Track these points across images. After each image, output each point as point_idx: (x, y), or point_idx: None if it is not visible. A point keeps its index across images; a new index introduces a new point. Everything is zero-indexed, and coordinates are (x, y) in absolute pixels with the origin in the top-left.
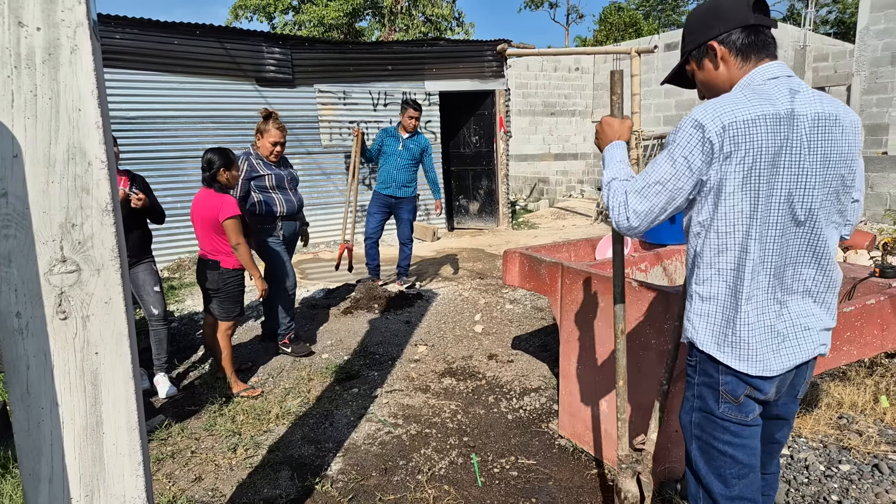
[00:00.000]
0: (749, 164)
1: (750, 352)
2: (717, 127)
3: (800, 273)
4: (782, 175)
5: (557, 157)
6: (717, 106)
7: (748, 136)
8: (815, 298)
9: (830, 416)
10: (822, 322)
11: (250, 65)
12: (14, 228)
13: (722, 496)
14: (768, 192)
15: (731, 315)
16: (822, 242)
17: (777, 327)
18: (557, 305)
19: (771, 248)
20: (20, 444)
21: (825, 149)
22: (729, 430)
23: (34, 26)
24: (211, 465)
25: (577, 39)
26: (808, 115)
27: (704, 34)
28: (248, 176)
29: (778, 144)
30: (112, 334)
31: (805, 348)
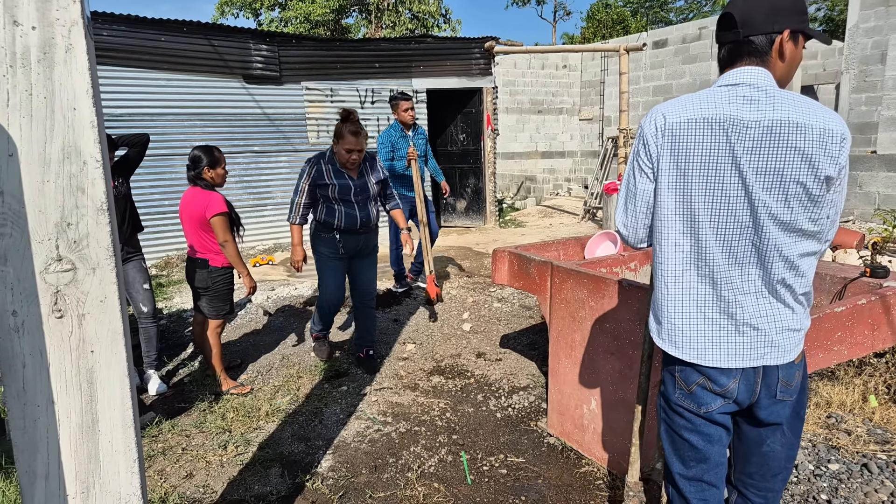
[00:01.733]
0: (675, 164)
1: (683, 339)
2: (652, 129)
3: (748, 273)
4: (712, 177)
5: (545, 155)
6: (656, 110)
7: (675, 138)
8: (768, 301)
9: (819, 415)
10: (779, 323)
11: (238, 62)
12: (10, 227)
13: (680, 475)
14: (696, 191)
15: (664, 304)
16: (771, 247)
17: (720, 321)
18: (547, 304)
19: (710, 247)
20: (16, 442)
21: (775, 155)
22: (683, 417)
23: (29, 25)
24: (202, 462)
25: (565, 37)
26: (760, 122)
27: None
28: (312, 182)
29: (708, 147)
30: (107, 333)
31: (755, 350)
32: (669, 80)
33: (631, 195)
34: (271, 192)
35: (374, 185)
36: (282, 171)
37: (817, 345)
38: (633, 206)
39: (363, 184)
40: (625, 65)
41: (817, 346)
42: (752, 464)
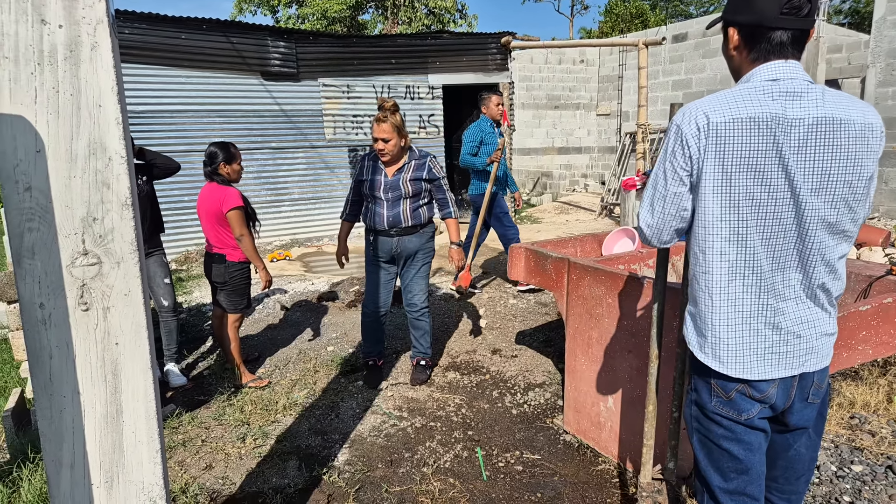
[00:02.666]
0: (721, 167)
1: (729, 354)
2: (693, 129)
3: (789, 279)
4: (760, 180)
5: (561, 151)
6: (695, 107)
7: (721, 139)
8: (807, 306)
9: (842, 415)
10: (818, 329)
11: (256, 59)
12: (37, 222)
13: (720, 489)
14: (743, 196)
15: (709, 317)
16: (815, 251)
17: (765, 332)
18: (563, 301)
19: (758, 253)
20: (43, 431)
21: (822, 154)
22: (721, 426)
23: (56, 24)
24: (221, 453)
25: (582, 31)
26: (804, 120)
27: (731, 15)
28: (357, 178)
29: (756, 149)
30: (131, 325)
31: (797, 358)
32: (689, 74)
33: (660, 196)
34: (288, 188)
35: (409, 182)
36: (299, 168)
37: (841, 343)
38: (662, 207)
39: (395, 181)
40: (643, 59)
41: (841, 346)
42: (778, 468)
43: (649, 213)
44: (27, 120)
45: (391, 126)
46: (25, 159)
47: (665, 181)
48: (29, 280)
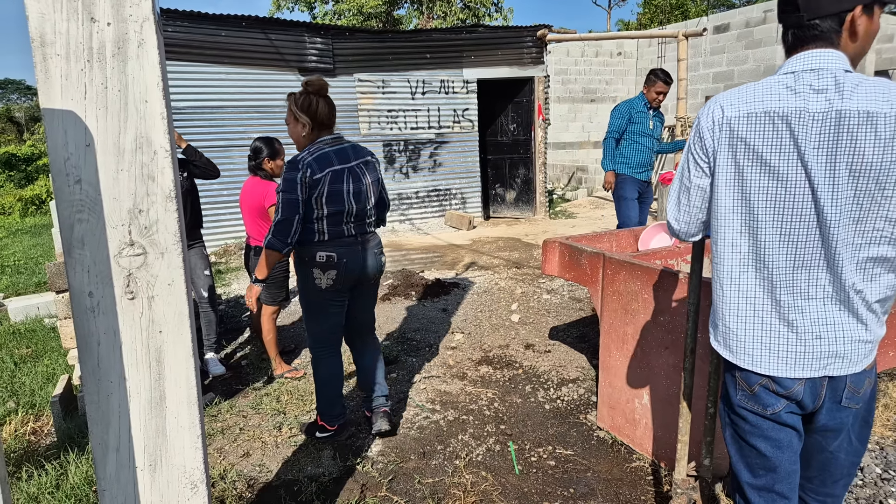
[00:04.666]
0: (732, 160)
1: (738, 345)
2: (709, 122)
3: (816, 278)
4: (775, 175)
5: (597, 146)
6: (714, 101)
7: (733, 133)
8: (836, 308)
9: (888, 417)
10: (846, 333)
11: (293, 55)
12: (87, 213)
13: (748, 484)
14: (755, 190)
15: (720, 306)
16: (840, 250)
17: (778, 328)
18: (598, 296)
19: (770, 248)
20: (91, 415)
21: (845, 149)
22: (747, 420)
23: (105, 21)
24: (258, 441)
25: (620, 23)
26: (827, 113)
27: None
28: None
29: (770, 144)
30: (174, 314)
31: (818, 360)
32: (731, 66)
33: (685, 189)
34: None
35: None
36: None
37: (888, 342)
38: (687, 200)
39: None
40: (683, 51)
41: (888, 344)
42: (812, 468)
43: (675, 206)
44: (77, 115)
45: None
46: (76, 153)
47: (688, 173)
48: (79, 269)
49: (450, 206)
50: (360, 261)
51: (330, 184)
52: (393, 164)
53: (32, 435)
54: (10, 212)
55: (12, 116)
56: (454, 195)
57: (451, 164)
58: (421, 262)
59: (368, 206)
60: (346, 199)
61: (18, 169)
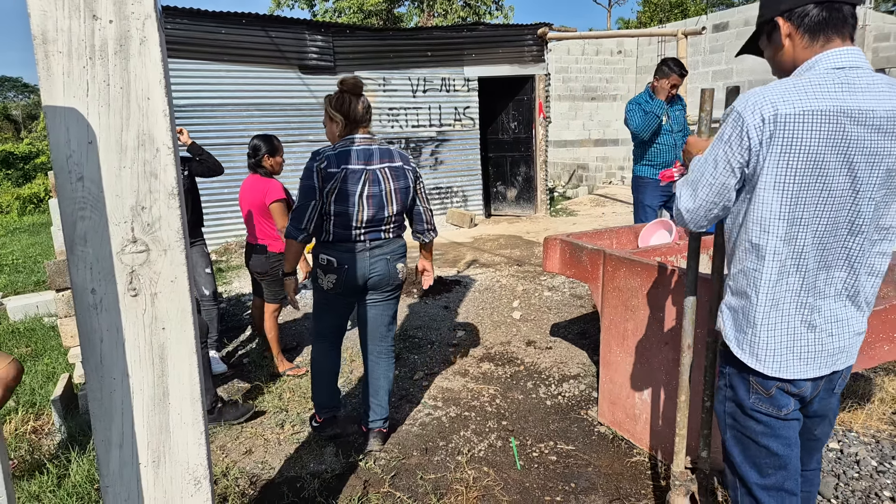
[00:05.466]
0: (785, 162)
1: (767, 353)
2: (757, 120)
3: (833, 277)
4: (824, 177)
5: (597, 143)
6: (760, 96)
7: (787, 132)
8: (844, 305)
9: (884, 411)
10: (851, 328)
11: (294, 52)
12: (89, 210)
13: (758, 485)
14: (804, 193)
15: (752, 313)
16: (864, 249)
17: (801, 331)
18: (599, 293)
19: (807, 252)
20: (94, 412)
21: (888, 150)
22: (760, 422)
23: (107, 19)
24: (260, 439)
25: (620, 21)
26: (875, 112)
27: (774, 8)
28: None
29: (822, 144)
30: (177, 311)
31: (830, 356)
32: (730, 64)
33: (706, 184)
34: None
35: None
36: None
37: (883, 337)
38: (707, 195)
39: None
40: (683, 49)
41: (883, 339)
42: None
43: (691, 198)
44: (80, 112)
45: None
46: (78, 150)
47: (715, 169)
48: (81, 267)
49: (451, 204)
50: (365, 268)
51: (342, 181)
52: None
53: (33, 434)
54: (8, 210)
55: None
56: (455, 193)
57: (452, 162)
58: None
59: (387, 213)
60: (357, 201)
61: (16, 167)
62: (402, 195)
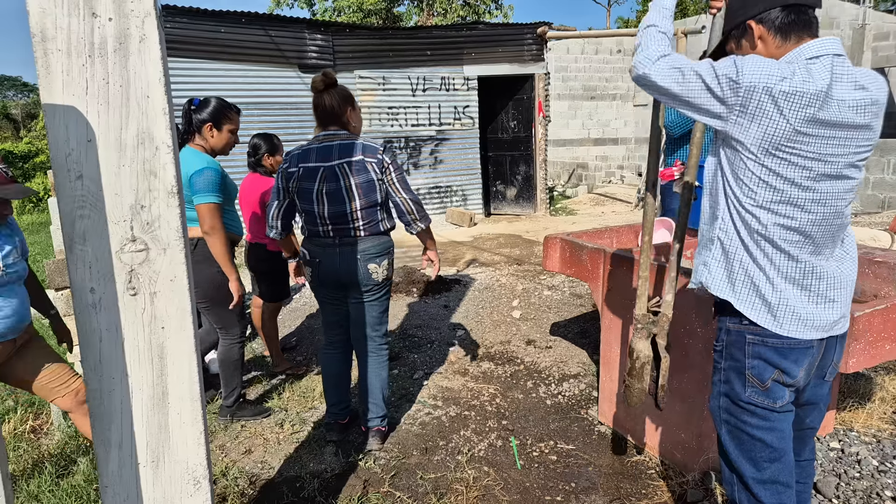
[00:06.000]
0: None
1: (766, 308)
2: (750, 82)
3: (834, 243)
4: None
5: (597, 143)
6: (766, 66)
7: (779, 105)
8: (839, 270)
9: (885, 410)
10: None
11: (293, 51)
12: (88, 209)
13: (753, 479)
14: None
15: (754, 273)
16: (846, 217)
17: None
18: (599, 292)
19: (805, 215)
20: (93, 411)
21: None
22: (756, 415)
23: (106, 17)
24: (260, 438)
25: (620, 21)
26: (846, 102)
27: (743, 13)
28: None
29: (810, 120)
30: (177, 310)
31: (829, 321)
32: None
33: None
34: None
35: None
36: None
37: (884, 336)
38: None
39: None
40: (682, 48)
41: (884, 338)
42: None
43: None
44: (79, 110)
45: None
46: (77, 149)
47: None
48: (80, 265)
49: (451, 203)
50: (336, 264)
51: (300, 180)
52: None
53: (32, 433)
54: None
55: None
56: (455, 192)
57: (451, 161)
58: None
59: (349, 208)
60: (315, 198)
61: (15, 166)
62: (366, 189)
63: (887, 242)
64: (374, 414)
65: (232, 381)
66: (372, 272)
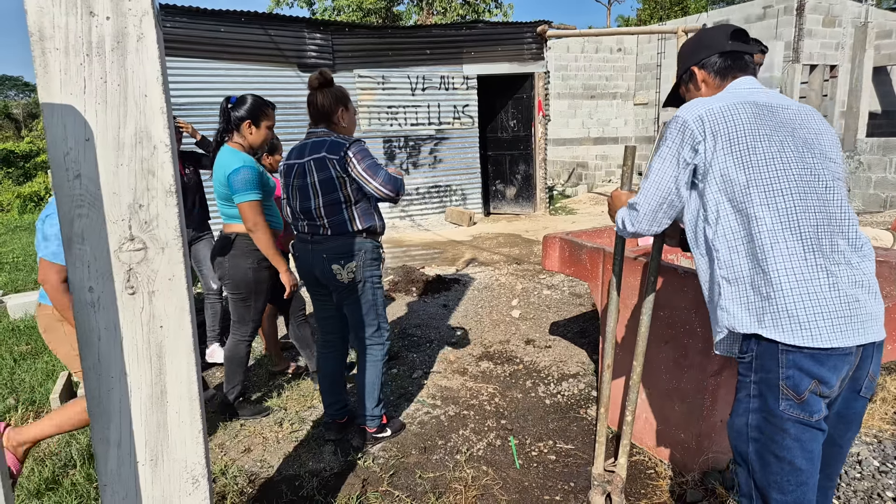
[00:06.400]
0: (733, 139)
1: (793, 321)
2: (694, 116)
3: (836, 244)
4: (769, 146)
5: (597, 142)
6: (693, 103)
7: (725, 118)
8: (856, 269)
9: (886, 410)
10: (873, 295)
11: (293, 51)
12: (87, 208)
13: (777, 502)
14: (759, 160)
15: (765, 288)
16: (842, 212)
17: (827, 295)
18: (598, 292)
19: (790, 215)
20: (91, 411)
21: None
22: (789, 433)
23: (104, 16)
24: (259, 437)
25: (620, 19)
26: (780, 104)
27: (690, 60)
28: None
29: (752, 123)
30: (175, 309)
31: (861, 323)
32: None
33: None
34: None
35: None
36: None
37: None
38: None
39: None
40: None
41: (886, 338)
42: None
43: (644, 199)
44: (77, 109)
45: None
46: (75, 148)
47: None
48: (79, 264)
49: (450, 203)
50: (309, 261)
51: (284, 176)
52: (393, 161)
53: None
54: (9, 209)
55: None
56: (454, 191)
57: (451, 160)
58: (421, 259)
59: (313, 205)
60: (289, 193)
61: (16, 166)
62: (326, 186)
63: (889, 242)
64: (360, 411)
65: (234, 377)
66: (336, 273)
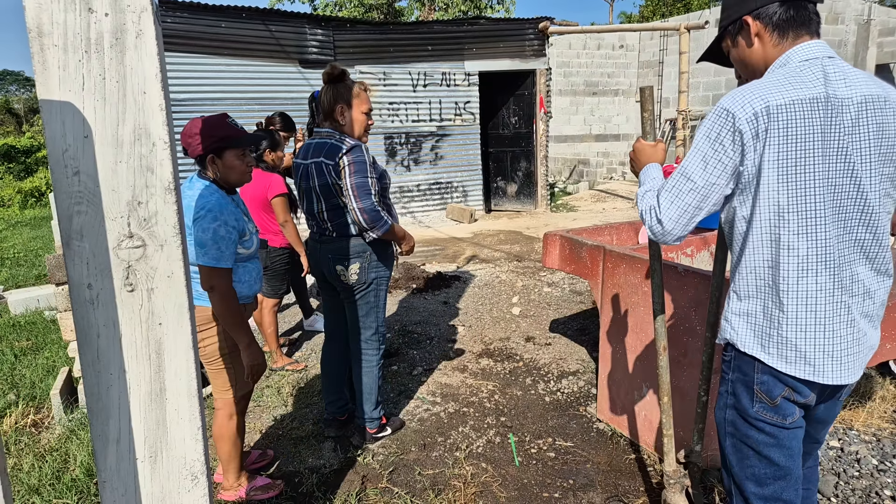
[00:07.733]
0: (784, 153)
1: (798, 354)
2: (748, 114)
3: (856, 273)
4: (824, 164)
5: (598, 139)
6: (747, 92)
7: (781, 122)
8: (873, 301)
9: (885, 409)
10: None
11: (294, 47)
12: (86, 205)
13: (754, 495)
14: (808, 182)
15: (776, 314)
16: (876, 238)
17: (840, 332)
18: (598, 289)
19: (824, 245)
20: (91, 407)
21: (875, 133)
22: (763, 431)
23: (103, 12)
24: (258, 434)
25: (622, 16)
26: (852, 99)
27: (740, 8)
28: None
29: (816, 131)
30: (174, 306)
31: (864, 358)
32: None
33: (691, 183)
34: None
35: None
36: None
37: (885, 335)
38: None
39: None
40: (685, 44)
41: (885, 337)
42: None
43: (671, 200)
44: (75, 106)
45: None
46: (74, 144)
47: (705, 170)
48: (77, 261)
49: (451, 200)
50: (318, 260)
51: (294, 175)
52: (394, 157)
53: (33, 427)
54: (10, 204)
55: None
56: (455, 188)
57: (452, 157)
58: (422, 255)
59: (316, 209)
60: (298, 194)
61: (17, 161)
62: (324, 192)
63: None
64: (359, 414)
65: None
66: (339, 273)
